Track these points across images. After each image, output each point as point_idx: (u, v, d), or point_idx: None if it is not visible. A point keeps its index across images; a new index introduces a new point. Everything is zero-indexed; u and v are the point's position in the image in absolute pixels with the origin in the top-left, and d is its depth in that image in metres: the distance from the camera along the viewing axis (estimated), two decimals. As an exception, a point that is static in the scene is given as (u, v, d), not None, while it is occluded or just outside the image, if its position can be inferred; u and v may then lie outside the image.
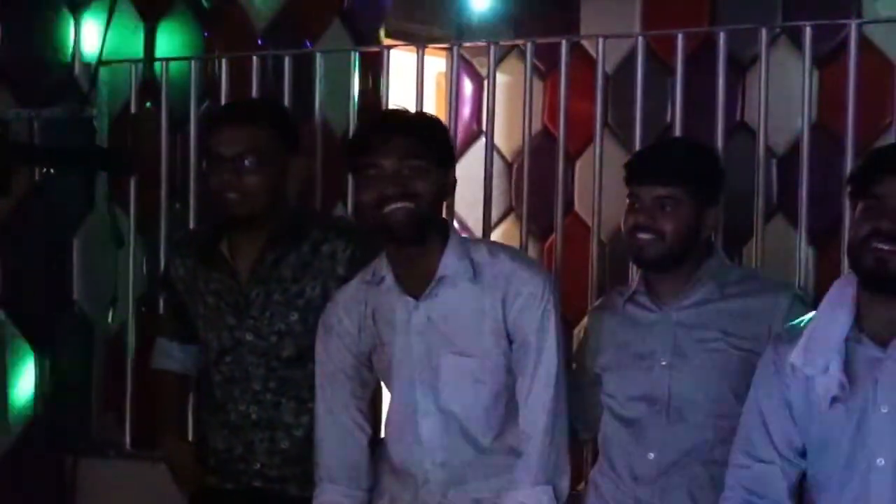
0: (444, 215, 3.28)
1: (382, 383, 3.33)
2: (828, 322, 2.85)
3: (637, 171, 3.25)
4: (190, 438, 3.94)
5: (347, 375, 3.28)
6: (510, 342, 3.16)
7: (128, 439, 4.67)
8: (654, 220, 3.18)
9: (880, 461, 2.77)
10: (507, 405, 3.19)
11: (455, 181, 3.22)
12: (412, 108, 3.42)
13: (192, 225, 4.45)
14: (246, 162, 3.37)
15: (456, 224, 4.39)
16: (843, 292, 2.87)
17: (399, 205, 3.08)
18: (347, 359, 3.28)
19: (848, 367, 2.80)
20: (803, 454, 2.92)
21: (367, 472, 3.31)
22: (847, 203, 3.12)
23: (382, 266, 3.22)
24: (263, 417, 3.45)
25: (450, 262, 3.16)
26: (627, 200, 3.26)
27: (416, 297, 3.18)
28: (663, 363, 3.22)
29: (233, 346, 3.47)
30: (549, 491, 3.13)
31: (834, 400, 2.81)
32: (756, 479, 2.94)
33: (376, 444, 3.35)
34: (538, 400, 3.14)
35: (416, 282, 3.18)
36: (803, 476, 2.94)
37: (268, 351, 3.44)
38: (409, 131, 3.13)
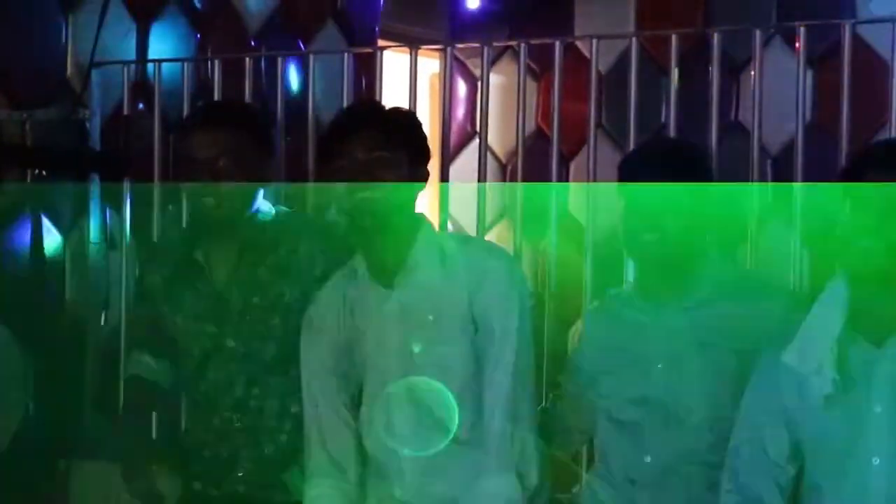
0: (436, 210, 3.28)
1: (361, 378, 3.32)
2: (821, 322, 2.85)
3: (632, 170, 3.24)
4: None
5: (331, 371, 3.29)
6: (476, 330, 3.16)
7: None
8: (658, 220, 3.16)
9: (876, 461, 2.77)
10: (479, 396, 3.18)
11: (427, 174, 3.24)
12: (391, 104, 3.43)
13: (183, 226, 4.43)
14: (220, 165, 3.36)
15: (450, 226, 4.39)
16: (836, 292, 2.86)
17: (366, 195, 3.09)
18: (331, 354, 3.29)
19: (842, 366, 2.80)
20: (796, 457, 2.91)
21: (356, 466, 3.30)
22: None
23: (357, 259, 3.24)
24: (247, 423, 3.44)
25: (419, 249, 3.18)
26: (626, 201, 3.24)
27: (388, 287, 3.18)
28: (659, 366, 3.21)
29: (214, 353, 3.46)
30: (512, 480, 3.11)
31: (828, 399, 2.81)
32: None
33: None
34: (500, 387, 3.14)
35: (389, 272, 3.19)
36: (798, 476, 2.93)
37: (250, 356, 3.43)
38: (378, 124, 3.16)
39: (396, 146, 3.15)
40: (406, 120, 3.26)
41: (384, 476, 3.26)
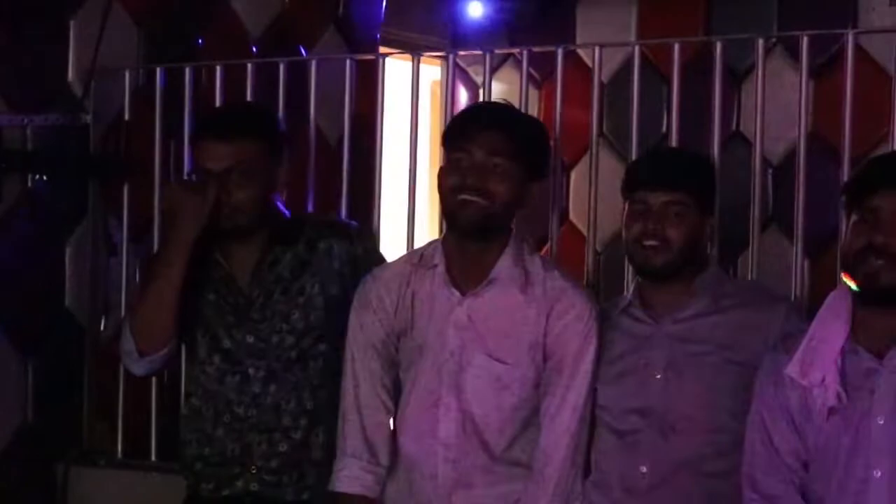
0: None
1: (401, 369, 3.31)
2: (824, 333, 2.85)
3: (644, 177, 3.24)
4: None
5: (377, 351, 3.29)
6: (545, 358, 3.15)
7: (119, 448, 4.65)
8: (663, 227, 3.17)
9: (877, 472, 2.77)
10: (526, 419, 3.19)
11: (536, 195, 3.22)
12: (520, 108, 3.43)
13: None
14: (234, 176, 3.36)
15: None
16: (838, 303, 2.86)
17: (473, 198, 3.09)
18: (380, 335, 3.28)
19: (844, 378, 2.80)
20: (807, 465, 2.91)
21: (387, 450, 3.30)
22: (842, 213, 3.11)
23: (436, 253, 3.23)
24: (262, 420, 3.44)
25: (504, 266, 3.17)
26: (628, 208, 3.24)
27: (463, 292, 3.17)
28: (658, 376, 3.21)
29: (232, 348, 3.45)
30: None
31: (831, 411, 2.80)
32: None
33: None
34: (564, 423, 3.16)
35: (467, 278, 3.19)
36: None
37: (269, 353, 3.43)
38: (508, 129, 3.14)
39: (517, 157, 3.13)
40: (537, 134, 3.24)
41: (414, 472, 3.26)
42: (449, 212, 3.17)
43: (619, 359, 3.27)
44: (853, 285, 2.81)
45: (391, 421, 3.32)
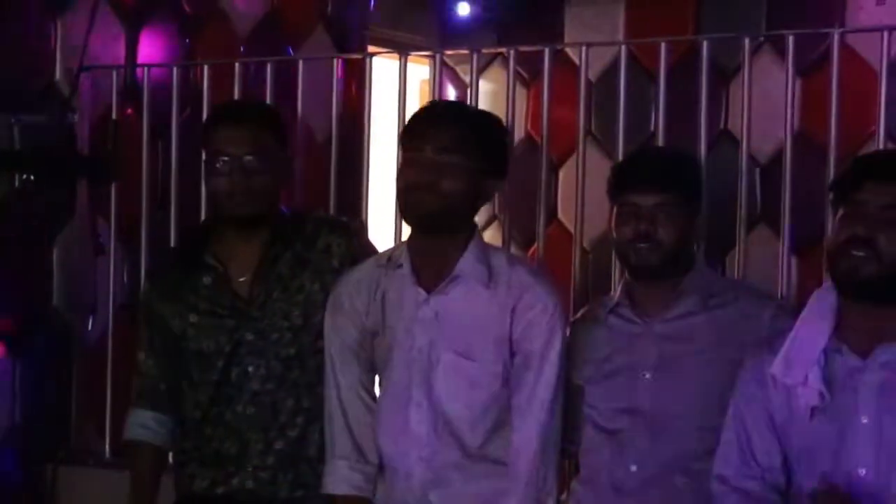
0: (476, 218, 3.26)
1: (378, 370, 3.31)
2: (808, 332, 2.85)
3: (633, 179, 3.24)
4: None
5: (354, 353, 3.29)
6: (512, 353, 3.16)
7: (107, 448, 4.65)
8: (654, 228, 3.16)
9: (861, 471, 2.77)
10: (499, 415, 3.18)
11: (494, 190, 3.21)
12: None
13: (172, 231, 4.43)
14: (250, 162, 3.37)
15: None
16: (823, 302, 2.86)
17: (424, 196, 3.09)
18: (354, 337, 3.28)
19: (828, 377, 2.80)
20: (783, 467, 2.91)
21: (375, 448, 3.29)
22: (830, 211, 3.11)
23: (402, 253, 3.23)
24: (260, 417, 3.43)
25: (468, 262, 3.16)
26: (616, 210, 3.24)
27: (429, 290, 3.18)
28: (647, 375, 3.20)
29: (232, 349, 3.45)
30: None
31: (814, 410, 2.81)
32: None
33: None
34: (533, 417, 3.14)
35: (432, 276, 3.18)
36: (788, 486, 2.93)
37: (268, 350, 3.43)
38: (458, 126, 3.14)
39: (469, 153, 3.12)
40: (490, 130, 3.22)
41: (392, 471, 3.26)
42: (402, 210, 3.18)
43: (607, 358, 3.27)
44: (835, 281, 2.81)
45: (372, 420, 3.31)
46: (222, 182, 3.38)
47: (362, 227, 3.79)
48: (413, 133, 3.18)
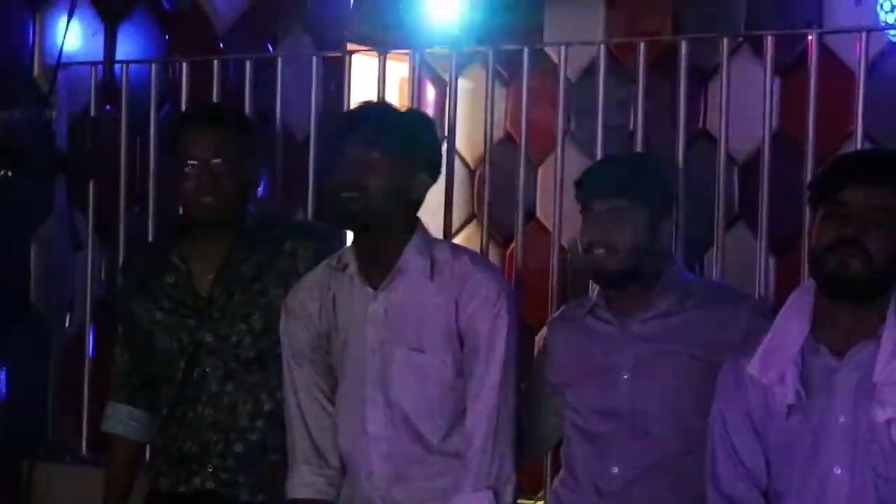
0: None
1: (335, 371, 3.31)
2: (785, 331, 2.85)
3: (586, 186, 3.25)
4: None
5: (308, 357, 3.29)
6: (462, 343, 3.16)
7: (84, 444, 4.64)
8: (608, 234, 3.17)
9: (837, 470, 2.77)
10: (456, 407, 3.18)
11: (427, 183, 3.22)
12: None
13: (150, 228, 4.42)
14: (219, 165, 3.37)
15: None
16: (800, 302, 2.87)
17: (349, 194, 3.11)
18: (308, 341, 3.29)
19: (805, 376, 2.81)
20: (768, 465, 2.92)
21: (336, 452, 3.30)
22: (808, 211, 3.12)
23: (348, 254, 3.24)
24: (219, 419, 3.44)
25: (410, 256, 3.17)
26: (582, 218, 3.25)
27: (376, 288, 3.18)
28: (626, 377, 3.21)
29: (192, 348, 3.45)
30: (489, 497, 3.11)
31: (791, 409, 2.81)
32: None
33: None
34: (483, 404, 3.13)
35: (377, 273, 3.19)
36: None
37: (227, 352, 3.44)
38: (380, 125, 3.16)
39: (389, 148, 3.13)
40: (412, 125, 3.24)
41: (354, 472, 3.26)
42: (329, 212, 3.20)
43: (586, 360, 3.27)
44: (820, 280, 2.82)
45: (333, 424, 3.31)
46: (189, 184, 3.40)
47: (333, 233, 3.78)
48: (339, 135, 3.21)
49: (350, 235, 3.30)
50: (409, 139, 3.18)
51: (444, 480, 3.17)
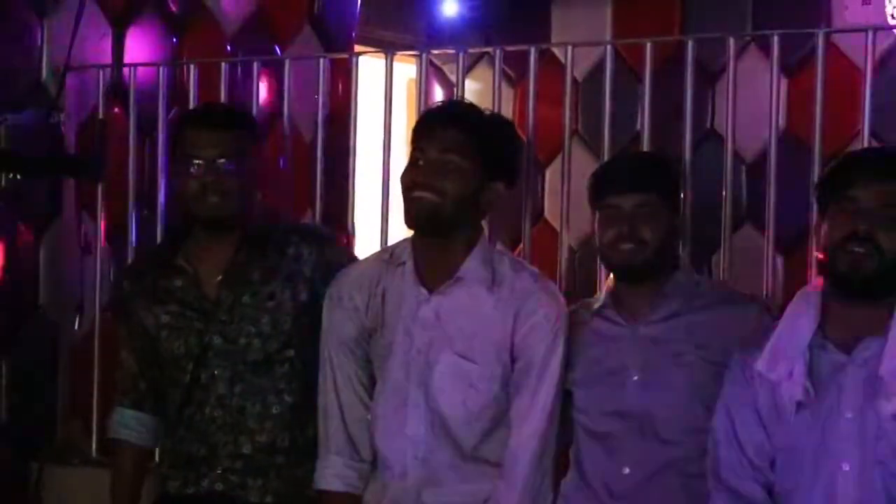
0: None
1: (375, 367, 3.31)
2: (792, 328, 2.86)
3: (608, 182, 3.24)
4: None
5: (350, 349, 3.29)
6: (512, 359, 3.15)
7: (94, 446, 4.64)
8: (637, 229, 3.17)
9: (846, 466, 2.78)
10: (495, 417, 3.19)
11: (499, 194, 3.20)
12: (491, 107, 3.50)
13: (159, 231, 4.43)
14: (224, 164, 3.37)
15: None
16: (808, 299, 2.87)
17: (423, 194, 3.10)
18: (351, 333, 3.29)
19: (812, 373, 2.81)
20: (773, 463, 2.92)
21: (369, 445, 3.30)
22: (815, 210, 3.12)
23: (404, 251, 3.23)
24: (227, 421, 3.44)
25: (472, 265, 3.17)
26: (599, 214, 3.24)
27: (430, 290, 3.17)
28: (635, 378, 3.21)
29: (200, 351, 3.45)
30: None
31: (799, 406, 2.82)
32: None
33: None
34: (532, 424, 3.15)
35: (434, 276, 3.19)
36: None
37: (235, 355, 3.44)
38: (465, 127, 3.14)
39: (470, 153, 3.12)
40: (498, 133, 3.23)
41: (387, 470, 3.26)
42: (404, 208, 3.17)
43: (594, 361, 3.27)
44: (830, 276, 2.82)
45: (367, 416, 3.31)
46: (194, 184, 3.40)
47: (345, 237, 3.78)
48: (418, 133, 3.20)
49: (391, 236, 3.28)
50: (490, 146, 3.16)
51: (474, 486, 3.18)
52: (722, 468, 2.96)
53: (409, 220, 3.19)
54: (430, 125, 3.17)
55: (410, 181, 3.14)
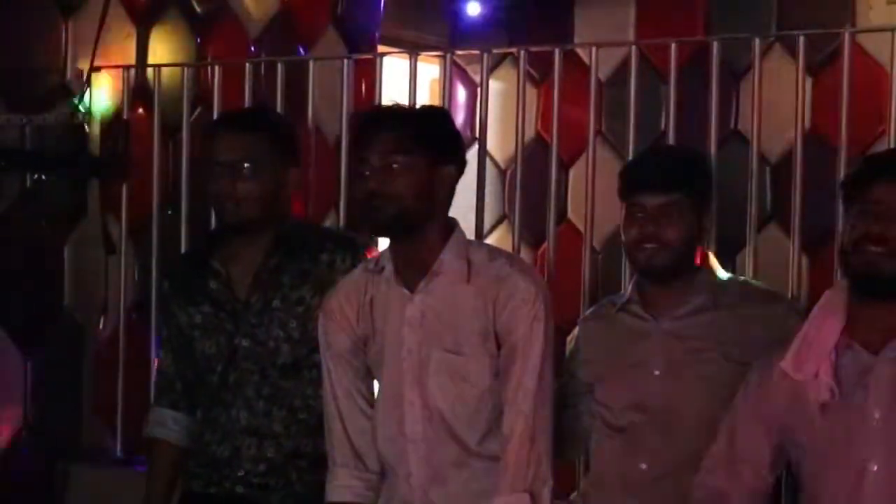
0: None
1: (373, 374, 3.31)
2: (818, 329, 2.86)
3: (638, 180, 3.24)
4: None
5: (347, 360, 3.28)
6: (498, 345, 3.15)
7: (118, 446, 4.66)
8: (660, 229, 3.17)
9: (874, 467, 2.77)
10: (495, 409, 3.18)
11: (452, 177, 3.18)
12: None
13: (183, 231, 4.44)
14: (243, 169, 3.37)
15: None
16: (834, 299, 2.87)
17: (379, 202, 3.09)
18: (346, 344, 3.28)
19: (839, 373, 2.81)
20: (776, 465, 2.94)
21: (375, 455, 3.29)
22: (840, 210, 3.12)
23: (385, 255, 3.23)
24: (253, 424, 3.45)
25: (447, 259, 3.16)
26: (625, 211, 3.24)
27: (413, 290, 3.18)
28: (656, 373, 3.21)
29: (230, 352, 3.46)
30: (526, 499, 3.08)
31: (825, 406, 2.81)
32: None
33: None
34: (519, 405, 3.12)
35: (414, 275, 3.18)
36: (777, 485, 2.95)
37: (264, 357, 3.44)
38: (396, 126, 3.13)
39: (416, 150, 3.11)
40: (430, 121, 3.21)
41: (393, 474, 3.25)
42: (368, 220, 3.16)
43: (617, 355, 3.28)
44: (849, 277, 2.82)
45: (370, 426, 3.31)
46: (216, 188, 3.41)
47: (371, 243, 3.79)
48: (357, 146, 3.21)
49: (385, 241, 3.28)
50: (427, 134, 3.16)
51: (481, 483, 3.16)
52: (711, 465, 3.01)
53: (376, 230, 3.22)
54: (365, 135, 3.17)
55: (363, 193, 3.12)
